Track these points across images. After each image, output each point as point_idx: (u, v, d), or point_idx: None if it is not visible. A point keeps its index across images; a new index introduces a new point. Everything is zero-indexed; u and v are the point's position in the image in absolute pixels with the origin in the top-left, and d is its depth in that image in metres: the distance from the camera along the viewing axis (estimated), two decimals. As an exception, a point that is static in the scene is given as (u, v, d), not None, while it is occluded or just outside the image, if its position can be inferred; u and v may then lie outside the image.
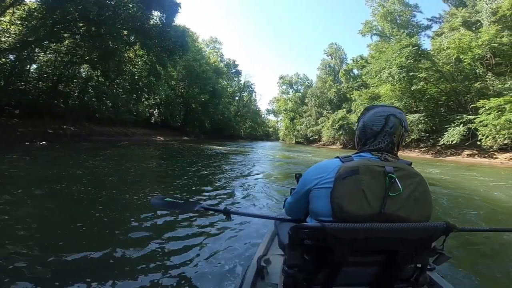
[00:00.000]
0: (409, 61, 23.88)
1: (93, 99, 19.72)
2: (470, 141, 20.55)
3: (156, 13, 18.74)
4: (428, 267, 1.08)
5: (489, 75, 21.55)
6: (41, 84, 17.43)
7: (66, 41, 17.40)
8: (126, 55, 20.46)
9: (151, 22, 18.74)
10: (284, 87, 71.96)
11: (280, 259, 1.43)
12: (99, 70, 19.16)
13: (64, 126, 15.79)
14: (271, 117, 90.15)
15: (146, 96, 26.48)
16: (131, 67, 21.92)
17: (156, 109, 32.44)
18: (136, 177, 6.05)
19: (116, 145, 14.43)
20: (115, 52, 17.91)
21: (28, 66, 17.00)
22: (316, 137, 51.72)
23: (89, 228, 2.78)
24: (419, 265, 1.03)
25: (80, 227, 2.78)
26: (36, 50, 16.03)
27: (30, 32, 14.29)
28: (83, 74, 20.59)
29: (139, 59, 22.47)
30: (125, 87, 22.75)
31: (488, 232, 3.01)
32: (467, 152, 20.71)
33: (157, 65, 21.86)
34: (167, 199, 1.51)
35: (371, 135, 1.09)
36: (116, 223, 3.03)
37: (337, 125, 39.68)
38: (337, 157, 1.07)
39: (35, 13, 14.34)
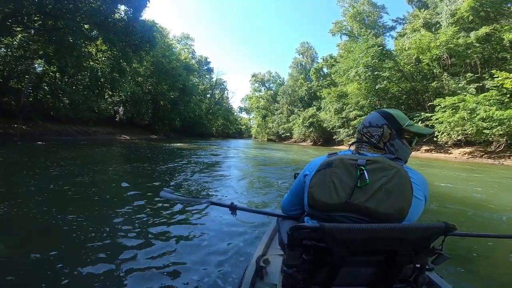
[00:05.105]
0: (374, 60, 24.91)
1: (48, 96, 18.43)
2: (427, 137, 21.75)
3: (122, 7, 17.99)
4: (427, 267, 1.08)
5: (445, 75, 22.98)
6: (-11, 81, 15.99)
7: (19, 35, 16.20)
8: (86, 50, 19.28)
9: (117, 16, 17.86)
10: (257, 84, 72.35)
11: (279, 259, 1.46)
12: (55, 66, 17.93)
13: (15, 125, 14.59)
14: (244, 114, 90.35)
15: (110, 92, 25.24)
16: (92, 63, 20.64)
17: (121, 107, 30.99)
18: (86, 185, 4.94)
19: (71, 145, 13.38)
20: (73, 47, 16.82)
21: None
22: (288, 134, 52.49)
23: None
24: (418, 266, 1.03)
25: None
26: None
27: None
28: (38, 70, 19.16)
29: (101, 54, 21.31)
30: (85, 84, 21.49)
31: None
32: (425, 147, 22.04)
33: (121, 61, 20.96)
34: (176, 193, 1.64)
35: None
36: (100, 224, 2.81)
37: (307, 122, 40.50)
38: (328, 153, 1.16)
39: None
